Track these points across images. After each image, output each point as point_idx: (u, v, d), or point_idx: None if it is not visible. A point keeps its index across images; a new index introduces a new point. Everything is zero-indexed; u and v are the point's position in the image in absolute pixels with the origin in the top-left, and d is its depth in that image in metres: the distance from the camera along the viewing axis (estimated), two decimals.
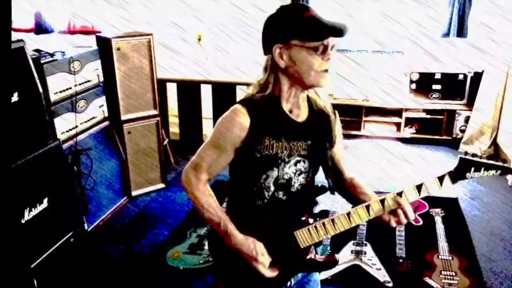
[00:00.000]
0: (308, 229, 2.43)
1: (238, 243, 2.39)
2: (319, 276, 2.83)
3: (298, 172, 2.46)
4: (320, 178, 2.60)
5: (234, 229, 2.40)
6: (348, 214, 2.40)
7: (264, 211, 2.46)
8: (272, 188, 2.43)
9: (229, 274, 2.58)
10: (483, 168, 2.30)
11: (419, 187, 2.34)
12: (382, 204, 2.36)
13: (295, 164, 2.44)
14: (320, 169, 2.59)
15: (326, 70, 2.31)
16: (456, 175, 2.33)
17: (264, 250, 2.41)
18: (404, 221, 2.37)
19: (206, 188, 2.46)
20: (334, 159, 2.66)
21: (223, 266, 2.61)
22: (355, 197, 2.56)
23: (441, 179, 2.33)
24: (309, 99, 2.51)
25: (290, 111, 2.42)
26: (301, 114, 2.46)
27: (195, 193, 2.44)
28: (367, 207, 2.37)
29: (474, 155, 2.32)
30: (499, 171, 2.31)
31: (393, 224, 2.39)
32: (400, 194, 2.35)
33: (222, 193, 2.76)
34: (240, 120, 2.31)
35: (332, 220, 2.41)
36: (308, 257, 2.50)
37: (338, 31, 2.25)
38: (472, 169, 2.31)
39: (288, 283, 2.62)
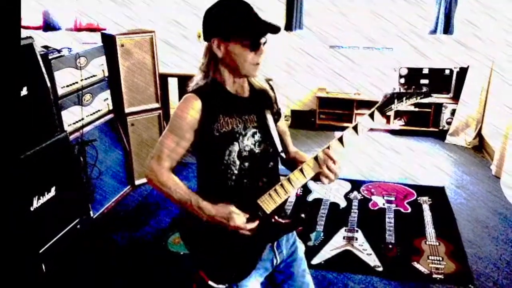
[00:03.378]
0: (269, 194, 2.46)
1: (212, 211, 2.40)
2: (304, 256, 2.85)
3: (257, 143, 2.52)
4: None
5: (204, 201, 2.41)
6: (301, 169, 2.44)
7: (235, 187, 2.50)
8: (238, 162, 2.47)
9: (209, 261, 2.56)
10: (404, 98, 2.46)
11: (355, 127, 2.42)
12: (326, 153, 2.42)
13: (253, 136, 2.51)
14: None
15: (257, 63, 2.44)
16: (383, 107, 2.43)
17: (235, 208, 2.41)
18: (332, 173, 2.41)
19: (170, 173, 2.47)
20: (279, 132, 2.71)
21: (201, 255, 2.60)
22: (298, 166, 2.56)
23: (371, 115, 2.42)
24: (248, 81, 2.60)
25: (236, 92, 2.53)
26: (245, 92, 2.57)
27: (161, 180, 2.45)
28: (315, 158, 2.42)
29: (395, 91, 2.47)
30: (419, 96, 2.48)
31: (323, 179, 2.43)
32: (341, 139, 2.42)
33: None
34: (193, 104, 2.40)
35: (288, 179, 2.45)
36: (273, 220, 2.50)
37: (273, 30, 2.39)
38: (395, 100, 2.44)
39: (275, 261, 2.65)
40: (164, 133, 2.48)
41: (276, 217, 2.51)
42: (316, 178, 2.46)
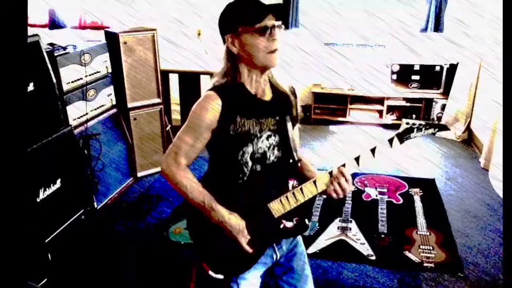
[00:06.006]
0: (280, 200, 2.43)
1: (226, 217, 2.38)
2: (304, 249, 2.83)
3: (271, 146, 2.47)
4: None
5: (218, 205, 2.39)
6: (315, 181, 2.42)
7: (245, 187, 2.46)
8: (250, 163, 2.43)
9: (211, 253, 2.55)
10: (423, 128, 2.39)
11: (373, 150, 2.45)
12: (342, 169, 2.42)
13: (267, 139, 2.45)
14: None
15: (274, 50, 2.35)
16: (403, 136, 2.41)
17: (245, 227, 2.42)
18: (342, 190, 2.42)
19: (186, 171, 2.43)
20: None
21: (205, 247, 2.58)
22: (302, 174, 2.61)
23: (390, 141, 2.41)
24: (271, 83, 2.55)
25: (256, 93, 2.46)
26: (266, 95, 2.51)
27: (177, 178, 2.42)
28: (330, 173, 2.41)
29: (415, 121, 2.42)
30: (437, 129, 2.40)
31: (332, 193, 2.43)
32: (357, 159, 2.45)
33: None
34: (213, 103, 2.34)
35: (301, 189, 2.42)
36: (282, 226, 2.49)
37: (274, 9, 2.34)
38: (415, 130, 2.39)
39: (275, 257, 2.63)
40: (183, 130, 2.43)
41: (284, 223, 2.50)
42: (325, 192, 2.45)
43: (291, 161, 2.54)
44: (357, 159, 2.43)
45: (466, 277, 4.33)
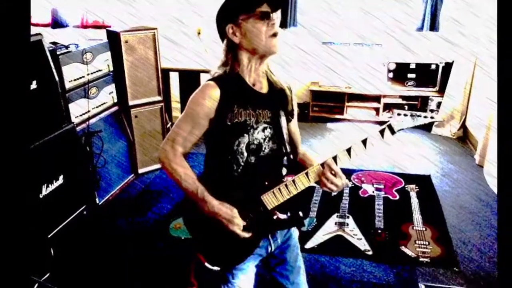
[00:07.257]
0: (273, 192, 2.43)
1: (216, 207, 2.37)
2: (297, 242, 2.83)
3: (266, 138, 2.48)
4: None
5: (210, 196, 2.38)
6: (307, 173, 2.41)
7: (239, 178, 2.46)
8: (245, 154, 2.43)
9: (207, 245, 2.55)
10: (415, 118, 2.40)
11: (364, 141, 2.44)
12: (335, 160, 2.41)
13: (263, 131, 2.46)
14: None
15: (275, 34, 2.35)
16: (394, 126, 2.41)
17: (237, 214, 2.39)
18: (332, 184, 2.42)
19: (182, 160, 2.44)
20: (290, 132, 2.68)
21: (200, 239, 2.58)
22: (305, 167, 2.55)
23: (382, 132, 2.41)
24: (268, 78, 2.55)
25: (253, 85, 2.46)
26: (263, 87, 2.51)
27: (173, 166, 2.43)
28: (322, 164, 2.40)
29: (406, 111, 2.41)
30: (428, 119, 2.40)
31: (323, 187, 2.43)
32: (348, 150, 2.44)
33: None
34: (212, 92, 2.35)
35: (293, 181, 2.42)
36: (275, 217, 2.49)
37: None
38: (407, 121, 2.41)
39: (270, 249, 2.63)
40: (181, 118, 2.43)
41: (277, 214, 2.49)
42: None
43: (285, 151, 2.54)
44: (348, 151, 2.43)
45: (461, 272, 4.33)
